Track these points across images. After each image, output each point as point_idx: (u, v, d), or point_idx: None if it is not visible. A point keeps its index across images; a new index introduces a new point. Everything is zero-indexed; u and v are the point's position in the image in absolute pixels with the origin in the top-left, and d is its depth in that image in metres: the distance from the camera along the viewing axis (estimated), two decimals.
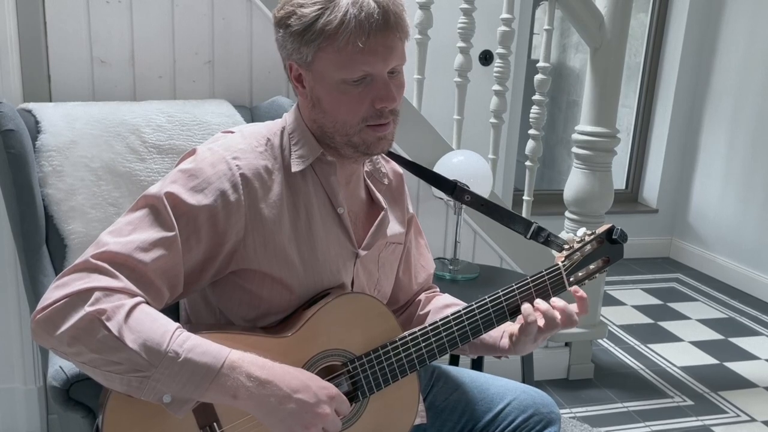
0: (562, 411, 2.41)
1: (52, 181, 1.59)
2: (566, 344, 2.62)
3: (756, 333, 3.16)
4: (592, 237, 1.25)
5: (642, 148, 4.31)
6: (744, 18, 3.73)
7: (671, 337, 3.08)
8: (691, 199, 4.15)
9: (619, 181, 4.40)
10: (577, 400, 2.49)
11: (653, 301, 3.52)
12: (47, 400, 2.02)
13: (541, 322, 1.15)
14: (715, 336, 3.11)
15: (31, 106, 1.68)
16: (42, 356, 1.46)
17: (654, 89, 4.21)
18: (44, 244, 1.57)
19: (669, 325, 3.21)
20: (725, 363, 2.84)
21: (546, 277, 1.20)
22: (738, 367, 2.81)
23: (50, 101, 1.85)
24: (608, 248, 1.26)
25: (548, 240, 1.26)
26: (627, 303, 3.47)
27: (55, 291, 0.95)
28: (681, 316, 3.33)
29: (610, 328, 3.14)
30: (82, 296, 0.93)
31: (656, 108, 4.22)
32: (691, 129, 4.12)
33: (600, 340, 2.96)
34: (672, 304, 3.48)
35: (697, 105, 4.07)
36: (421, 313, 1.36)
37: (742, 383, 2.68)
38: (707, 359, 2.87)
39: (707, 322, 3.27)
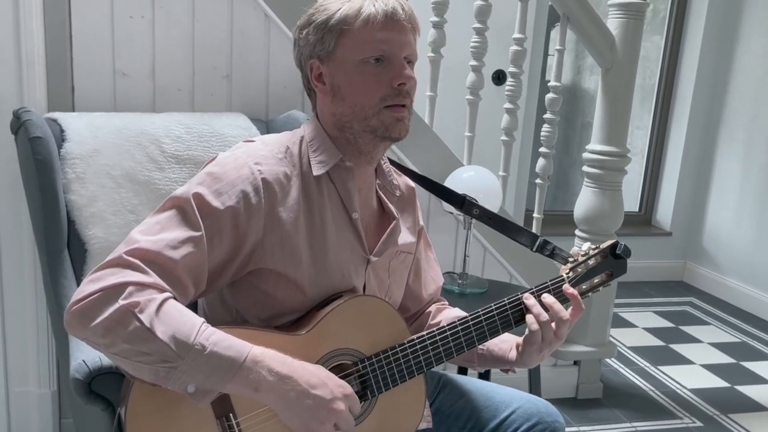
0: (570, 429, 2.46)
1: (75, 188, 1.69)
2: (575, 363, 2.67)
3: None
4: (596, 251, 1.32)
5: (656, 170, 4.38)
6: (759, 40, 3.81)
7: (682, 360, 3.13)
8: (705, 223, 4.20)
9: (633, 203, 4.47)
10: (585, 419, 2.54)
11: (665, 324, 3.57)
12: (60, 404, 2.10)
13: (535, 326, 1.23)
14: (727, 359, 3.16)
15: (56, 115, 1.78)
16: (60, 352, 1.54)
17: (669, 111, 4.29)
18: (66, 248, 1.66)
19: (680, 348, 3.26)
20: (736, 386, 2.88)
21: (550, 287, 1.27)
22: (749, 390, 2.85)
23: (73, 111, 1.95)
24: (612, 263, 1.32)
25: (553, 253, 1.33)
26: (638, 325, 3.52)
27: (90, 285, 1.02)
28: (693, 340, 3.38)
29: (620, 349, 3.19)
30: (116, 290, 1.01)
31: (671, 130, 4.30)
32: (705, 151, 4.19)
33: (609, 361, 3.02)
34: (684, 328, 3.53)
35: (711, 127, 4.14)
36: (432, 322, 1.43)
37: (754, 406, 2.72)
38: (718, 382, 2.92)
39: (719, 346, 3.31)
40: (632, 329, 3.46)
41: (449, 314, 1.43)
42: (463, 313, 1.42)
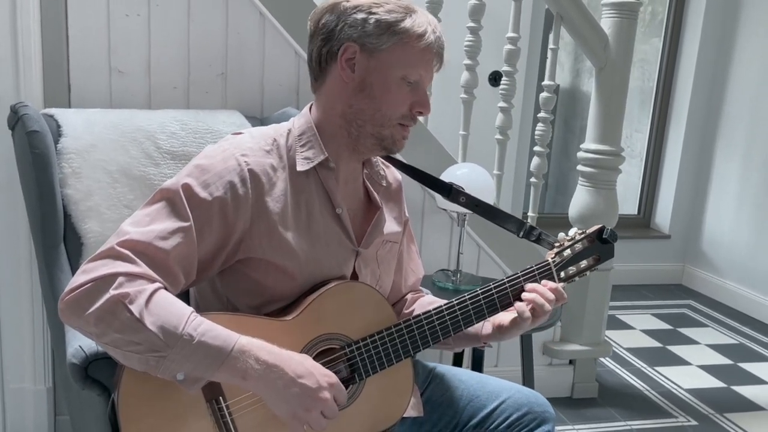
0: (565, 428, 2.50)
1: (71, 182, 1.73)
2: (570, 362, 2.71)
3: (766, 359, 3.24)
4: (582, 236, 1.36)
5: (655, 174, 4.42)
6: (757, 42, 3.86)
7: (679, 361, 3.17)
8: (703, 226, 4.25)
9: (632, 206, 4.51)
10: (581, 418, 2.58)
11: (663, 326, 3.61)
12: (56, 401, 2.13)
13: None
14: (724, 361, 3.20)
15: (53, 111, 1.83)
16: (56, 343, 1.57)
17: (667, 114, 4.33)
18: (62, 242, 1.70)
19: (678, 350, 3.30)
20: (733, 386, 2.92)
21: (536, 272, 1.32)
22: (746, 390, 2.89)
23: (69, 108, 2.00)
24: (599, 247, 1.36)
25: (540, 238, 1.37)
26: (636, 327, 3.56)
27: (82, 276, 1.07)
28: (690, 341, 3.42)
29: (617, 350, 3.23)
30: (107, 280, 1.05)
31: (669, 133, 4.34)
32: (703, 154, 4.23)
33: (605, 361, 3.06)
34: (682, 330, 3.57)
35: (709, 130, 4.19)
36: (407, 311, 1.48)
37: (749, 406, 2.76)
38: (715, 382, 2.96)
39: (717, 348, 3.35)
40: (629, 331, 3.50)
41: (424, 301, 1.49)
42: (437, 298, 1.48)
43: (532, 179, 2.66)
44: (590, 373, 2.75)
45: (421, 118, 2.41)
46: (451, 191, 1.41)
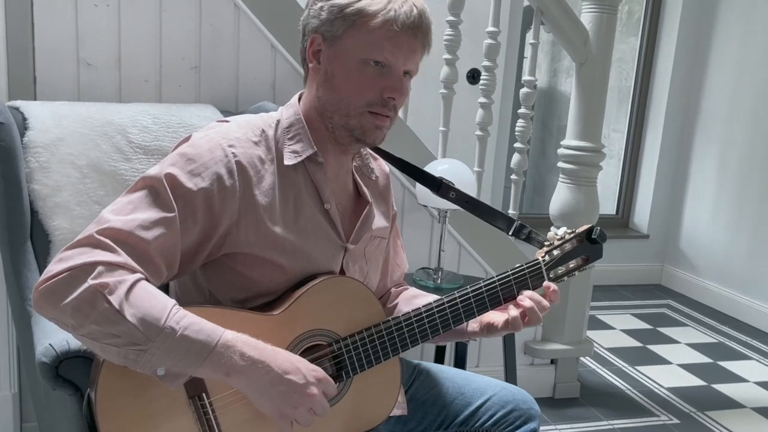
0: (547, 428, 2.50)
1: (38, 177, 1.69)
2: (552, 362, 2.72)
3: (745, 357, 3.29)
4: (572, 235, 1.36)
5: (633, 174, 4.47)
6: (733, 41, 3.93)
7: (660, 360, 3.20)
8: (682, 225, 4.30)
9: (610, 206, 4.55)
10: (563, 418, 2.59)
11: (643, 325, 3.65)
12: (22, 408, 2.08)
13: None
14: (704, 359, 3.24)
15: (18, 103, 1.79)
16: (22, 342, 1.53)
17: (644, 114, 4.38)
18: (29, 239, 1.66)
19: (658, 349, 3.33)
20: (713, 385, 2.96)
21: (526, 271, 1.31)
22: (726, 388, 2.93)
23: (35, 101, 1.95)
24: (588, 247, 1.36)
25: (530, 237, 1.37)
26: (616, 327, 3.59)
27: (59, 264, 1.03)
28: (670, 340, 3.45)
29: (597, 350, 3.25)
30: (85, 269, 1.01)
31: (647, 133, 4.39)
32: (681, 154, 4.29)
33: (586, 361, 3.07)
34: (662, 329, 3.61)
35: (687, 130, 4.25)
36: (390, 305, 1.47)
37: (730, 404, 2.79)
38: (695, 381, 2.99)
39: (697, 347, 3.39)
40: (610, 331, 3.53)
41: (407, 294, 1.48)
42: (420, 291, 1.48)
43: (513, 176, 2.67)
44: (572, 372, 2.76)
45: (400, 113, 2.41)
46: (440, 186, 1.39)
